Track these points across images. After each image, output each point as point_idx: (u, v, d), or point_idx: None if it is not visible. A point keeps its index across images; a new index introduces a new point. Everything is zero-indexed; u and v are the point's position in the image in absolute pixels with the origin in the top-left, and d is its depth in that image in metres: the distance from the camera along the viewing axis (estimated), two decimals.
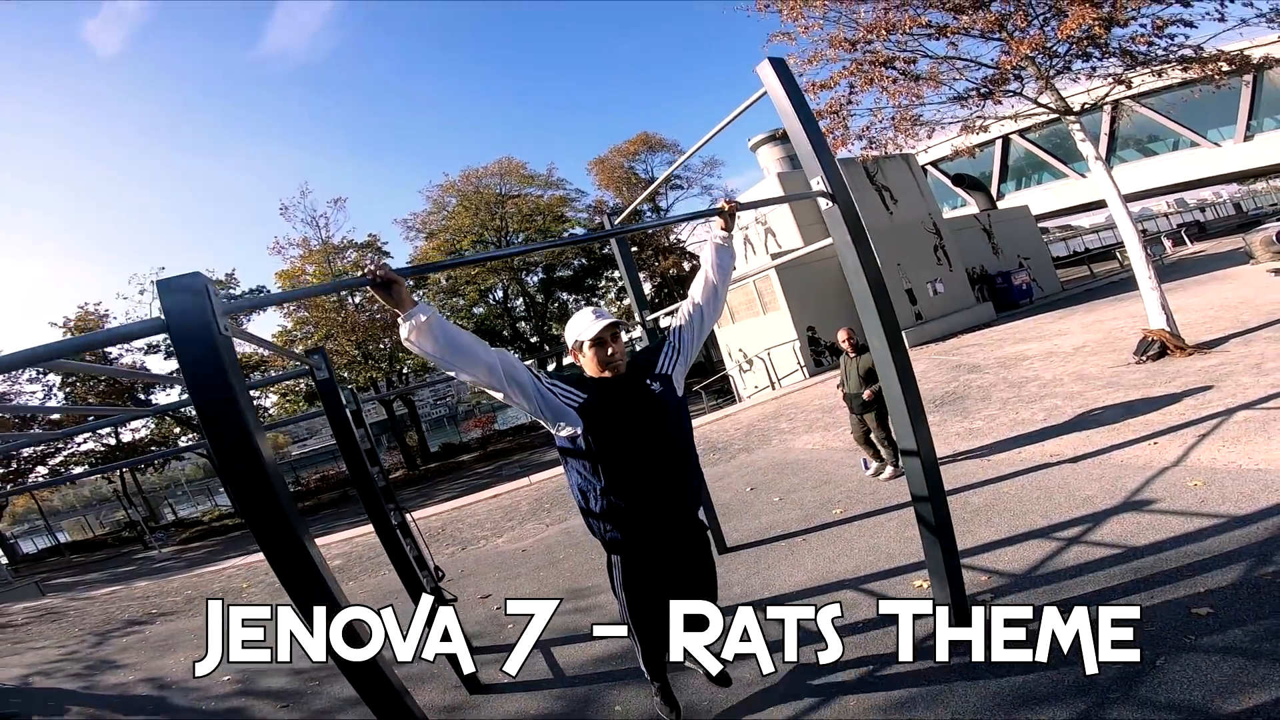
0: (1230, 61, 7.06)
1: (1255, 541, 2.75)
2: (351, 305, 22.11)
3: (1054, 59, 7.31)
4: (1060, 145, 27.54)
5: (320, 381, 3.35)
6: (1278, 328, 6.81)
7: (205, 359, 1.55)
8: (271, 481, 1.61)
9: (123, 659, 5.61)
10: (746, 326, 16.31)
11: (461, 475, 18.41)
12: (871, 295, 2.60)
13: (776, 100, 2.71)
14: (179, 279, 1.57)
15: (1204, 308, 9.08)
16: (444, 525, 8.19)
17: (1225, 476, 3.52)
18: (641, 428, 2.12)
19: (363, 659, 1.80)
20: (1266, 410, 4.42)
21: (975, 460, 5.09)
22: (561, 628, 3.88)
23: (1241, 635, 2.16)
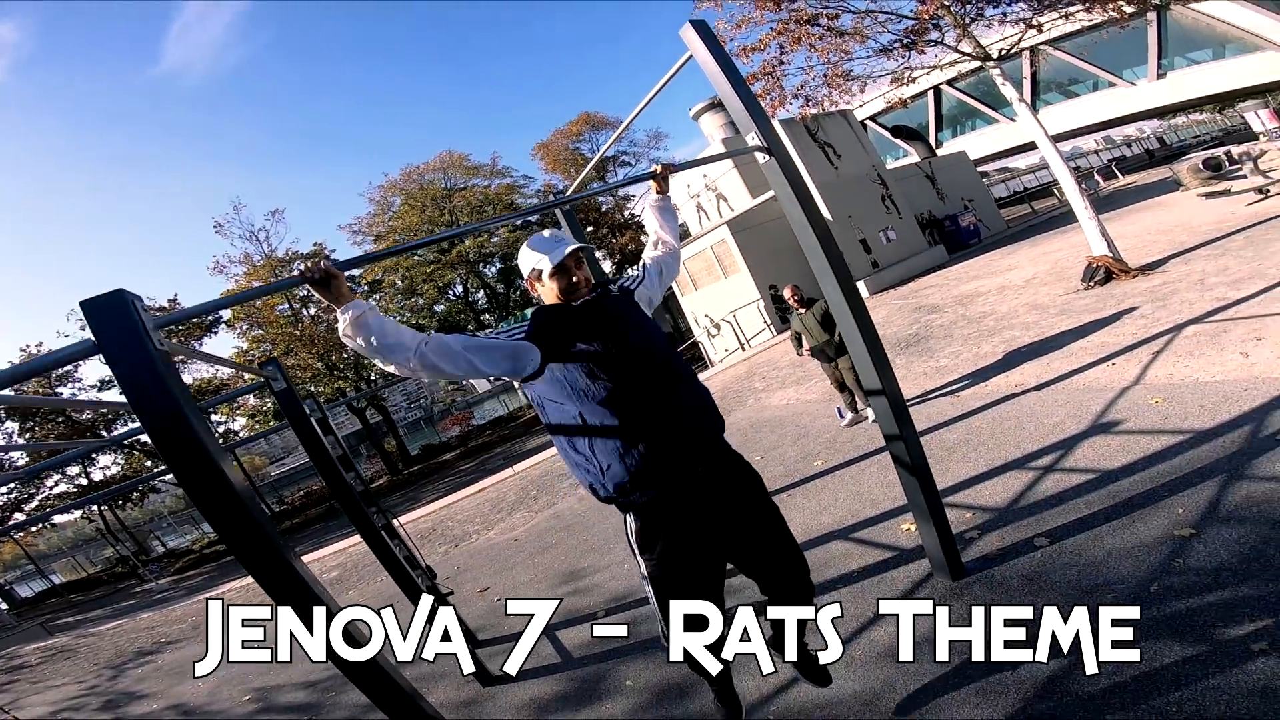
0: (1129, 1, 7.32)
1: (1223, 456, 2.82)
2: (308, 317, 21.44)
3: (967, 6, 7.49)
4: (988, 92, 28.28)
5: (279, 393, 3.24)
6: (1214, 246, 7.12)
7: (143, 375, 1.49)
8: (238, 492, 1.55)
9: (142, 689, 5.73)
10: (709, 292, 16.37)
11: (445, 475, 18.23)
12: (819, 243, 2.60)
13: (703, 62, 2.69)
14: (101, 298, 1.50)
15: (1141, 233, 9.44)
16: (434, 525, 8.12)
17: (1184, 391, 3.64)
18: (611, 336, 1.78)
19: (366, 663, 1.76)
20: (1214, 323, 4.60)
21: (945, 398, 5.21)
22: (564, 610, 3.90)
23: (1227, 555, 2.19)
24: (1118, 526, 2.59)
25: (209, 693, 4.87)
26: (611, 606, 3.72)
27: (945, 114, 31.33)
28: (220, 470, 1.53)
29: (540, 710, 2.88)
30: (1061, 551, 2.56)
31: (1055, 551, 2.57)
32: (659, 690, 2.68)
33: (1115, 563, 2.37)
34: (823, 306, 5.33)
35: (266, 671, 4.78)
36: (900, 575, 2.85)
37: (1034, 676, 1.99)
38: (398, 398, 30.15)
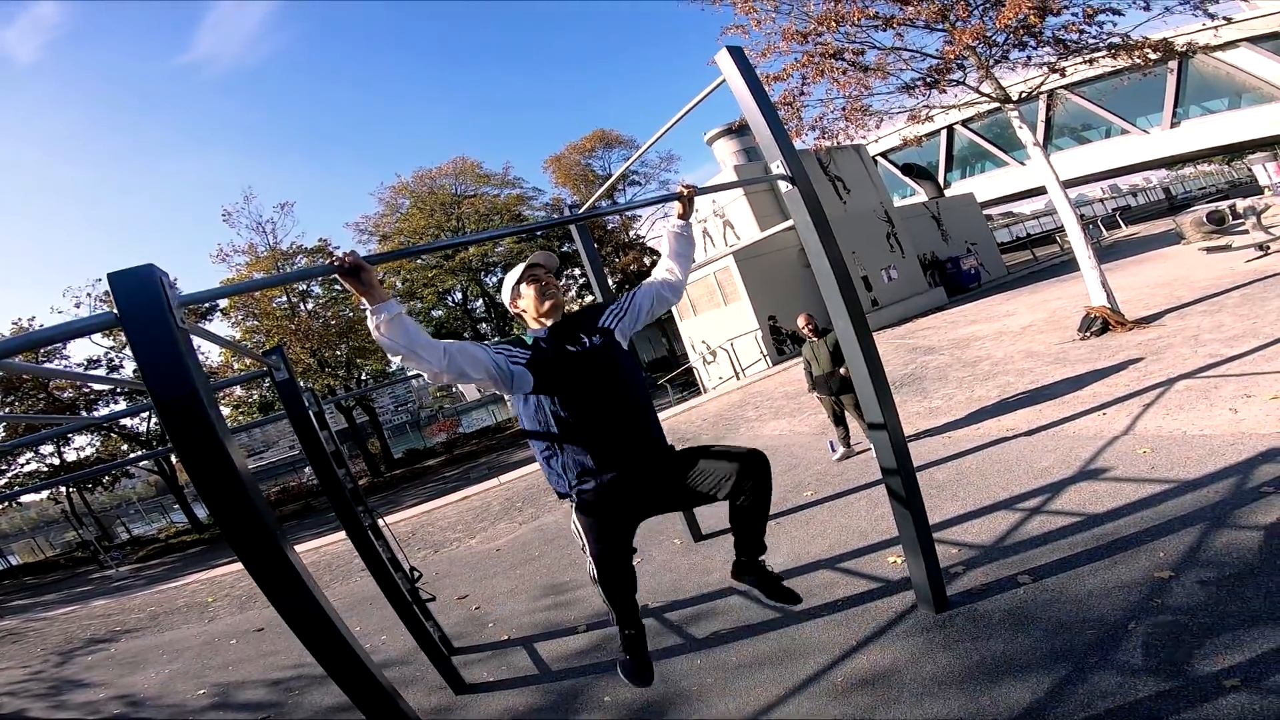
0: (1155, 48, 7.39)
1: (1207, 505, 2.89)
2: (304, 312, 21.36)
3: (993, 48, 7.57)
4: (1001, 135, 28.53)
5: (280, 383, 3.22)
6: (1212, 302, 7.23)
7: (163, 351, 1.47)
8: (241, 478, 1.54)
9: (90, 677, 5.47)
10: (709, 318, 16.45)
11: (428, 480, 18.06)
12: (834, 274, 2.65)
13: (735, 88, 2.73)
14: (132, 270, 1.49)
15: (1141, 286, 9.59)
16: (414, 530, 8.03)
17: (1172, 443, 3.70)
18: (590, 374, 2.06)
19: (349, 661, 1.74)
20: (1205, 379, 4.68)
21: (936, 438, 5.25)
22: (543, 623, 3.87)
23: (1204, 597, 2.24)
24: (1099, 567, 2.63)
25: (162, 684, 4.70)
26: (593, 621, 3.67)
27: (956, 154, 31.55)
28: (228, 454, 1.52)
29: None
30: (1044, 589, 2.59)
31: (1038, 589, 2.61)
32: (637, 707, 2.65)
33: (1095, 601, 2.41)
34: (835, 338, 5.37)
35: (227, 666, 4.68)
36: (885, 605, 2.86)
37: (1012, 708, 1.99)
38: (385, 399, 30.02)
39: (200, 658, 5.12)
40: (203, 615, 6.69)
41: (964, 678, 2.22)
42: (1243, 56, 22.14)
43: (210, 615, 6.62)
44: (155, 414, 1.46)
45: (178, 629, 6.40)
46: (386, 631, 4.31)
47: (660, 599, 3.74)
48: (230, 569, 8.80)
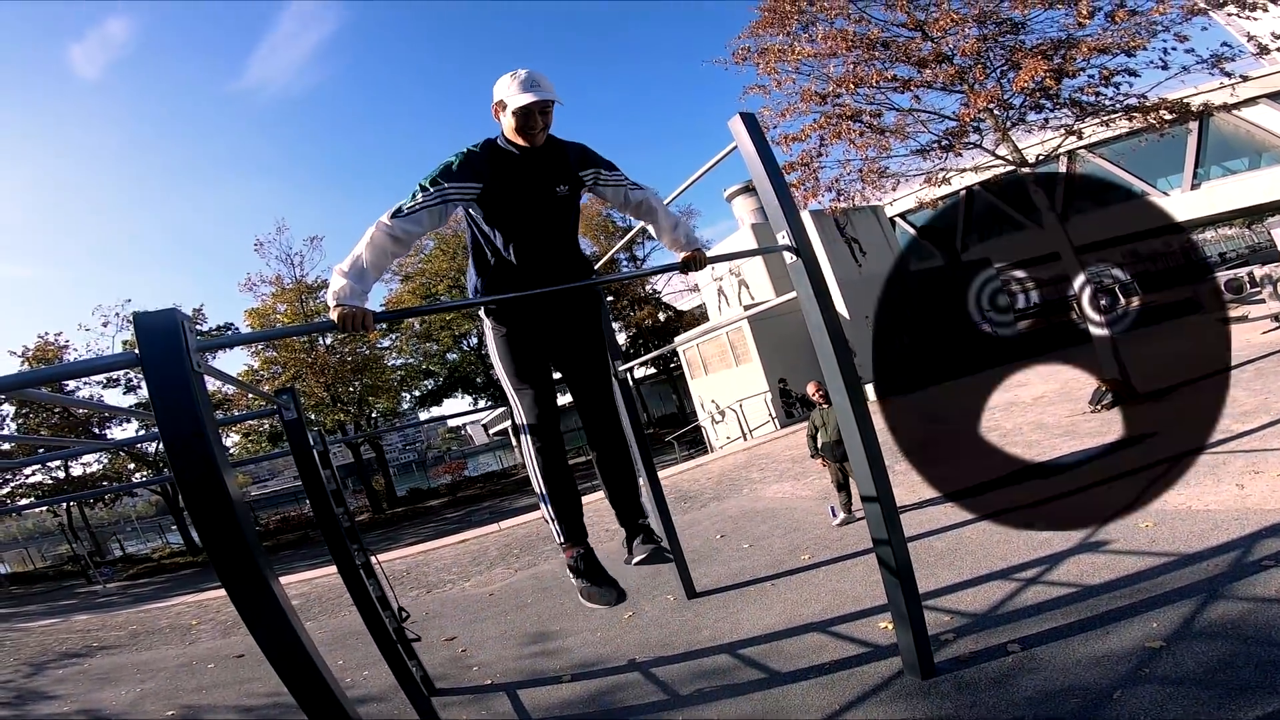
0: (1171, 109, 7.41)
1: (1204, 578, 2.86)
2: (322, 347, 21.77)
3: (1009, 111, 7.64)
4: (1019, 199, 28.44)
5: (288, 421, 3.33)
6: (1224, 374, 7.16)
7: (176, 393, 1.57)
8: (238, 518, 1.60)
9: (57, 690, 5.38)
10: (719, 378, 16.50)
11: (429, 520, 17.91)
12: (832, 348, 2.70)
13: (746, 154, 2.80)
14: (155, 314, 1.60)
15: (1155, 357, 9.50)
16: (409, 569, 7.94)
17: (1175, 518, 3.66)
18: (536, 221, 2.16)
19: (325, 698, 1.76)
20: (1214, 454, 4.62)
21: (940, 507, 5.18)
22: (528, 670, 3.81)
23: (1194, 666, 2.22)
24: (1090, 637, 2.59)
25: (130, 703, 4.62)
26: (578, 672, 3.62)
27: (975, 217, 30.75)
28: (226, 491, 1.59)
29: None
30: (1032, 657, 2.56)
31: (1026, 657, 2.57)
32: None
33: (1083, 670, 2.37)
34: None
35: (200, 690, 4.60)
36: (871, 670, 2.81)
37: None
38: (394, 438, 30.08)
39: (174, 679, 5.03)
40: (184, 637, 6.58)
41: None
42: (1263, 114, 21.67)
43: (192, 638, 6.51)
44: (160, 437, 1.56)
45: (156, 649, 6.30)
46: (369, 668, 4.24)
47: (648, 653, 3.67)
48: (218, 593, 8.68)
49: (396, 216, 1.96)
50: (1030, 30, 7.44)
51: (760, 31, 8.42)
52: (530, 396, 2.22)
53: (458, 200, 2.05)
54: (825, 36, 7.72)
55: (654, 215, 2.44)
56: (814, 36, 7.88)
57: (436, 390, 26.87)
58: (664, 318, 26.92)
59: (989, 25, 7.37)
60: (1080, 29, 7.04)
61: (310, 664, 1.73)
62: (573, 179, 2.20)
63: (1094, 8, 6.89)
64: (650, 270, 3.80)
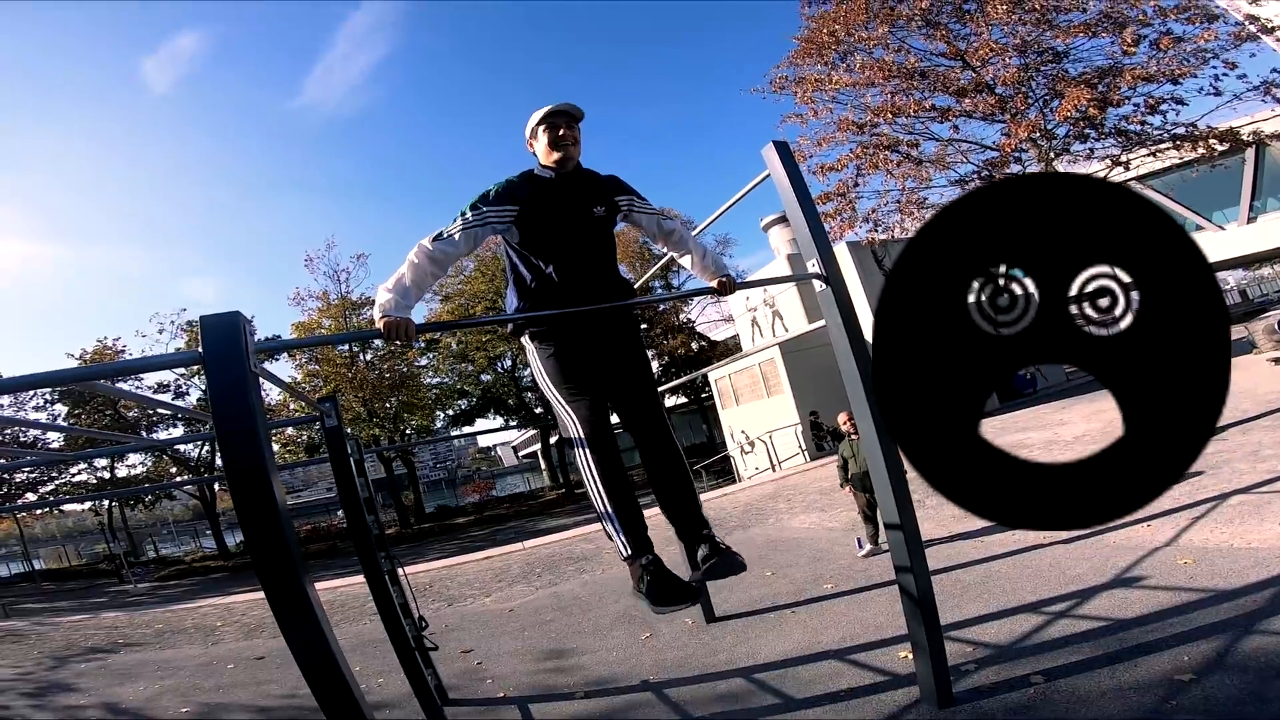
0: (1221, 138, 7.21)
1: (1242, 614, 2.75)
2: (362, 362, 22.46)
3: (1053, 140, 7.48)
4: None
5: (329, 429, 3.47)
6: (1276, 416, 6.82)
7: (235, 390, 1.70)
8: (281, 517, 1.71)
9: (79, 683, 5.47)
10: (750, 409, 16.40)
11: (455, 537, 18.04)
12: (860, 378, 2.68)
13: (778, 182, 2.81)
14: (219, 315, 1.76)
15: None
16: (432, 582, 8.03)
17: (1215, 555, 3.53)
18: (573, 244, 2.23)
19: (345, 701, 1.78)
20: (1260, 494, 4.42)
21: (970, 541, 5.04)
22: (542, 685, 3.82)
23: (1223, 698, 2.15)
24: (1118, 670, 2.51)
25: (148, 698, 4.70)
26: (591, 689, 3.60)
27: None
28: (272, 488, 1.71)
29: None
30: (1055, 689, 2.48)
31: (1049, 688, 2.50)
32: None
33: (1106, 701, 2.30)
34: None
35: (219, 689, 4.68)
36: (887, 699, 2.75)
37: None
38: (425, 455, 30.54)
39: (194, 677, 5.12)
40: (208, 638, 6.71)
41: None
42: None
43: (215, 639, 6.64)
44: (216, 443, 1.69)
45: (179, 648, 6.43)
46: (384, 676, 4.30)
47: (664, 674, 3.65)
48: (245, 597, 8.88)
49: (437, 240, 2.13)
50: (1074, 59, 7.35)
51: (798, 61, 8.51)
52: (585, 406, 2.20)
53: (495, 223, 2.18)
54: (863, 66, 7.74)
55: (685, 245, 2.59)
56: (851, 66, 7.91)
57: (470, 410, 27.33)
58: (697, 347, 26.93)
59: (1030, 54, 7.28)
60: (1126, 57, 6.92)
61: (335, 667, 1.78)
62: (608, 202, 2.34)
63: (1139, 35, 6.78)
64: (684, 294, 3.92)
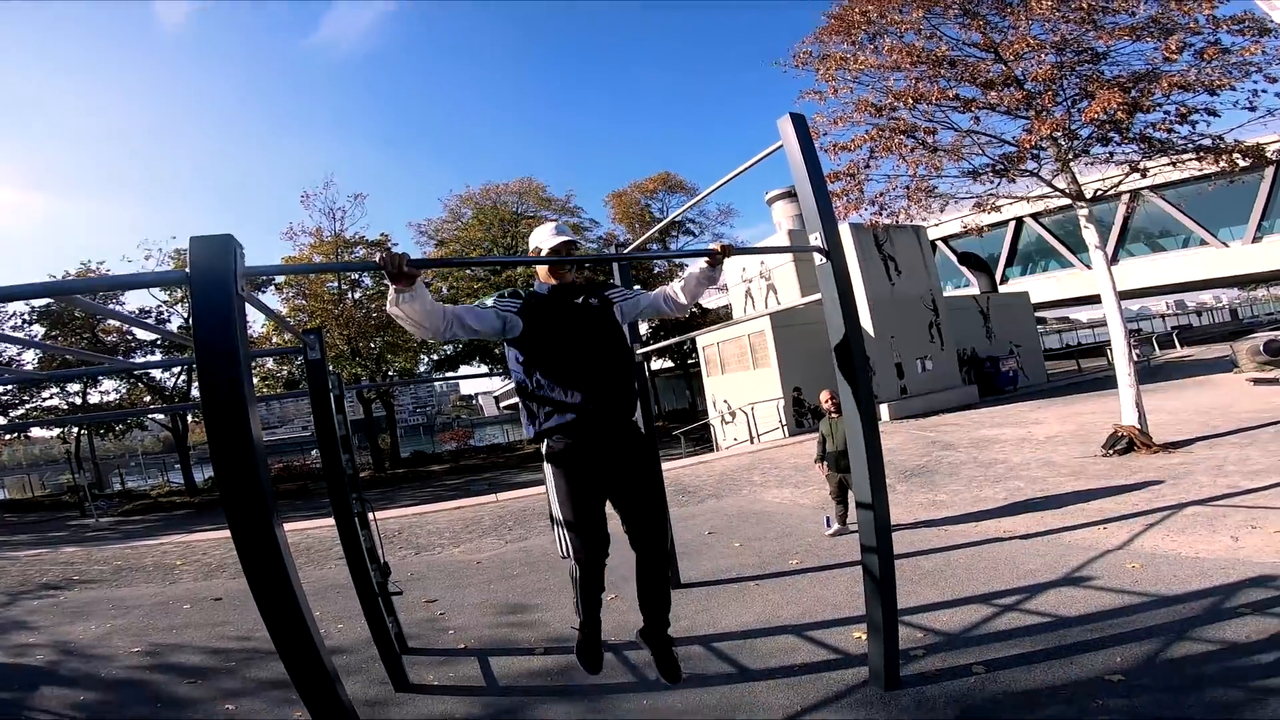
0: (1245, 154, 7.10)
1: (1178, 620, 2.88)
2: (350, 300, 22.22)
3: (1074, 141, 7.32)
4: (1073, 234, 26.08)
5: (311, 361, 3.40)
6: (1245, 434, 7.01)
7: (219, 310, 1.67)
8: (254, 448, 1.68)
9: (32, 620, 5.42)
10: (735, 379, 16.48)
11: (429, 484, 18.11)
12: (850, 356, 2.70)
13: (790, 153, 2.78)
14: (213, 236, 1.72)
15: (1179, 410, 9.29)
16: (401, 529, 8.09)
17: (1162, 561, 3.66)
18: (577, 329, 2.36)
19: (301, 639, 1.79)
20: (1216, 507, 4.57)
21: (933, 529, 5.17)
22: (503, 639, 3.89)
23: (1146, 702, 2.26)
24: (1054, 666, 2.62)
25: (99, 637, 4.67)
26: (551, 646, 3.67)
27: (1021, 248, 29.90)
28: (248, 416, 1.68)
29: None
30: (994, 680, 2.58)
31: (988, 679, 2.60)
32: None
33: (1040, 697, 2.41)
34: None
35: (172, 629, 4.68)
36: (838, 677, 2.84)
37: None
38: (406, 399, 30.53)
39: (148, 617, 5.11)
40: (166, 577, 6.68)
41: None
42: None
43: (173, 578, 6.62)
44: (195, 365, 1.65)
45: (136, 586, 6.39)
46: (344, 622, 4.36)
47: (624, 636, 3.70)
48: (207, 536, 8.85)
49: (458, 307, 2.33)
50: (1111, 61, 7.16)
51: (825, 38, 8.23)
52: (583, 541, 2.31)
53: (501, 312, 2.35)
54: (891, 50, 7.50)
55: (673, 295, 2.67)
56: (880, 49, 7.66)
57: (455, 356, 27.22)
58: (689, 314, 26.85)
59: (1068, 53, 7.08)
60: (1167, 64, 6.74)
61: (297, 611, 1.78)
62: (600, 298, 2.51)
63: (1184, 43, 6.61)
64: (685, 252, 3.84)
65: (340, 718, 1.87)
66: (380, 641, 3.32)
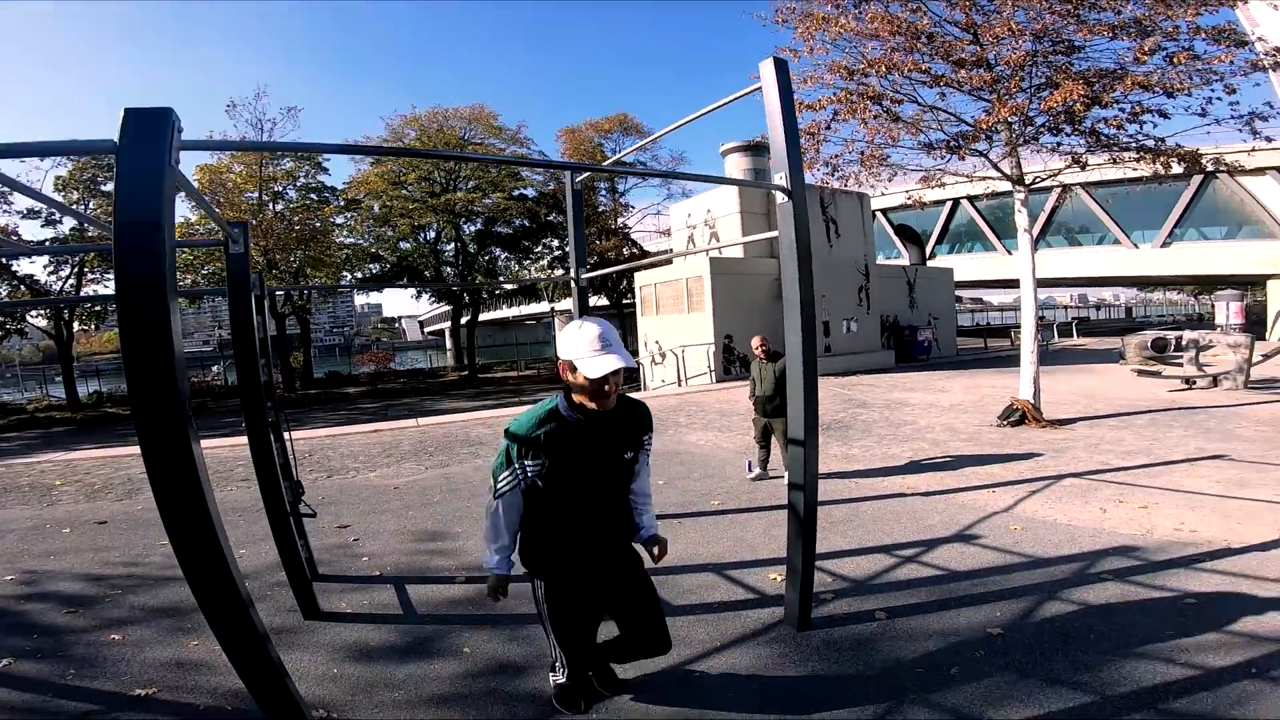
0: (1182, 159, 7.52)
1: (1050, 581, 3.21)
2: (271, 212, 20.55)
3: (1029, 127, 7.56)
4: (1001, 220, 28.43)
5: (233, 255, 3.10)
6: (1123, 419, 7.79)
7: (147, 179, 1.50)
8: (173, 348, 1.52)
9: None
10: (668, 321, 16.59)
11: (342, 407, 17.41)
12: (800, 295, 2.72)
13: (768, 95, 2.77)
14: (150, 108, 1.52)
15: (1068, 392, 10.21)
16: (312, 451, 7.73)
17: (1040, 526, 4.05)
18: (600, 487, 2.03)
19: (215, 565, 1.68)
20: (1089, 480, 5.08)
21: (845, 480, 5.48)
22: (421, 567, 3.83)
23: (1020, 655, 2.50)
24: (944, 616, 2.86)
25: None
26: (473, 575, 3.64)
27: (952, 228, 31.54)
28: (165, 304, 1.50)
29: (360, 654, 2.78)
30: (893, 626, 2.81)
31: (889, 625, 2.82)
32: (497, 663, 2.65)
33: (931, 644, 2.63)
34: (782, 366, 5.38)
35: (49, 555, 4.34)
36: (754, 615, 2.98)
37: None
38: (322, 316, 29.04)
39: (22, 542, 4.70)
40: (44, 498, 6.14)
41: (805, 693, 2.35)
42: (1265, 186, 21.98)
43: (52, 499, 6.08)
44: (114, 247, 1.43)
45: (10, 508, 5.83)
46: (247, 547, 4.17)
47: None
48: (90, 454, 8.21)
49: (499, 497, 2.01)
50: (1083, 55, 7.32)
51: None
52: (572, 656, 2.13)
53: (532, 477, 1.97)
54: (874, 18, 7.39)
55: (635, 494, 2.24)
56: (862, 16, 7.55)
57: (381, 275, 25.90)
58: (629, 254, 26.53)
59: (1045, 42, 7.18)
60: (1136, 64, 6.93)
61: (212, 534, 1.66)
62: (637, 443, 2.07)
63: (1159, 46, 6.80)
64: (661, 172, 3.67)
65: (253, 645, 1.78)
66: (290, 567, 3.17)
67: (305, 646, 2.86)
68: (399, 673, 2.61)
